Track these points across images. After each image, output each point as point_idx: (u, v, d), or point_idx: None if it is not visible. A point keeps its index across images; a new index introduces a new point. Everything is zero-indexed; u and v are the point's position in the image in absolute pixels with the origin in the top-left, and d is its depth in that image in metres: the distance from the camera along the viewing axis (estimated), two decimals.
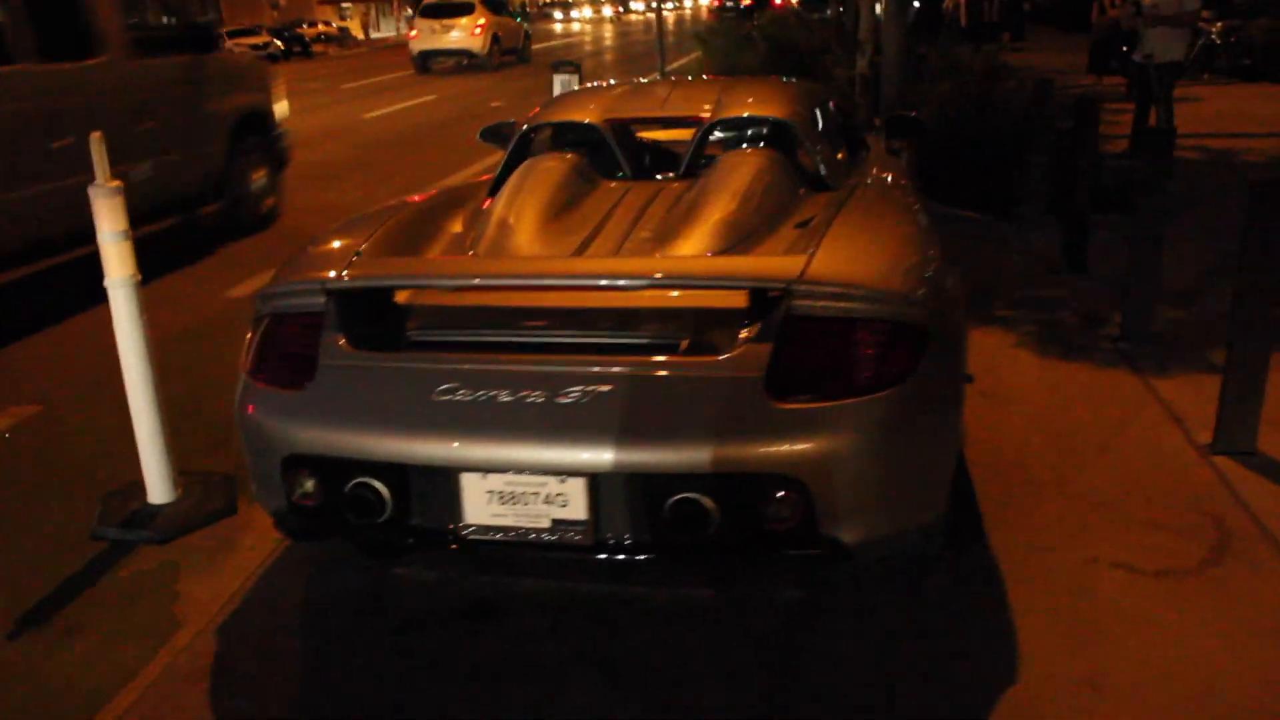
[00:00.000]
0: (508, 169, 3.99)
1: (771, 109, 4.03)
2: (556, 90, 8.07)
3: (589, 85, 5.04)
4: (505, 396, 2.52)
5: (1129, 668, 2.70)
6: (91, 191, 3.35)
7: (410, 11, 41.91)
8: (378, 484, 2.60)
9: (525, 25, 27.60)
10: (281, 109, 8.44)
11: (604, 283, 2.67)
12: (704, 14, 44.47)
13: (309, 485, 2.70)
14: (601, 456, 2.48)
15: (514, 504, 2.56)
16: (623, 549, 2.57)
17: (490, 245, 3.30)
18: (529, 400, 2.52)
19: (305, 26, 34.00)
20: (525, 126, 4.11)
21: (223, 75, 7.72)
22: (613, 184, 3.82)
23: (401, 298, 2.94)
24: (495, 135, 5.09)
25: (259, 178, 8.04)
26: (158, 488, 3.64)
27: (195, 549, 3.45)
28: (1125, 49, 10.13)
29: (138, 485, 3.71)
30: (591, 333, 2.74)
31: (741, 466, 2.46)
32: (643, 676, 2.73)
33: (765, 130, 4.01)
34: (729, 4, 33.53)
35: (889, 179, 4.07)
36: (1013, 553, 3.25)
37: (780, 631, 2.91)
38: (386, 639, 2.93)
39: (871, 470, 2.54)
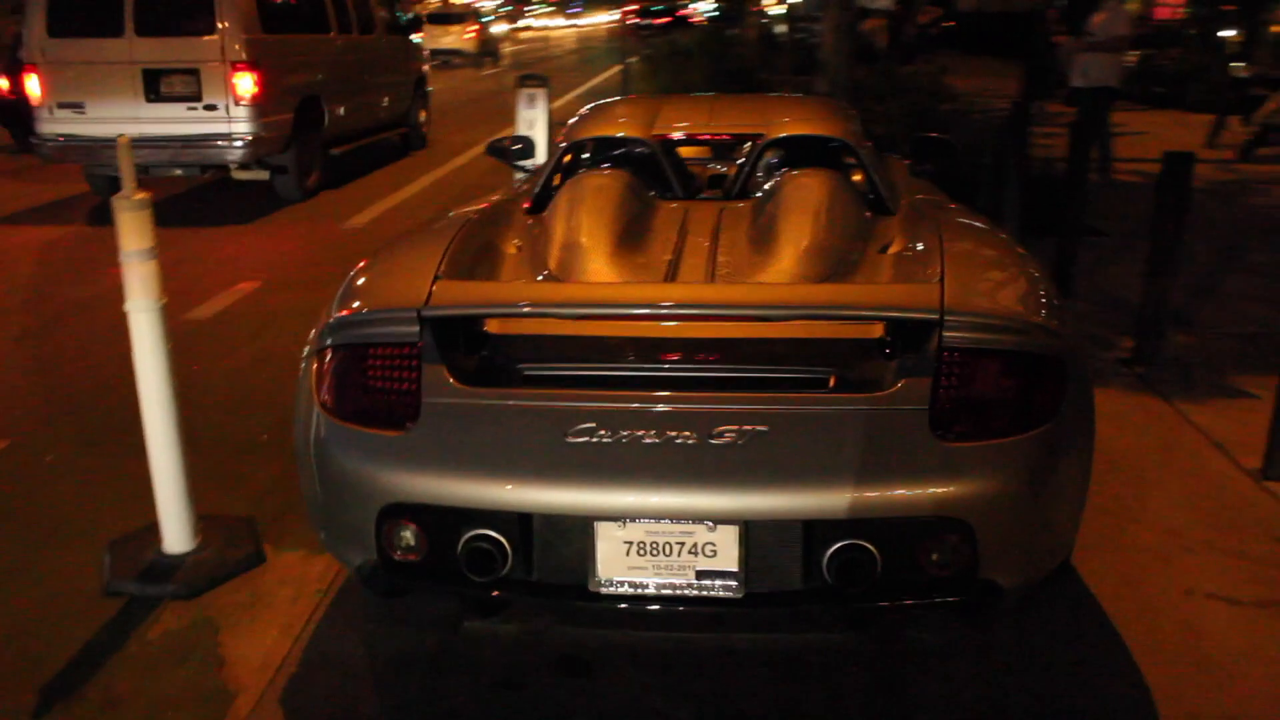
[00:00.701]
0: (549, 184, 3.76)
1: (826, 127, 3.88)
2: (521, 105, 7.80)
3: (620, 98, 4.82)
4: (651, 437, 2.29)
5: (1263, 704, 2.61)
6: (115, 203, 3.00)
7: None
8: (497, 536, 2.33)
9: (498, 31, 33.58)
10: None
11: (750, 313, 2.47)
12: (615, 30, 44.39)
13: (411, 537, 2.42)
14: (758, 501, 2.27)
15: (655, 556, 2.33)
16: (775, 601, 2.36)
17: (563, 269, 3.05)
18: (677, 441, 2.29)
19: None
20: (567, 140, 3.87)
21: (411, 49, 12.37)
22: (670, 204, 3.61)
23: (492, 327, 2.68)
24: (502, 152, 4.85)
25: (423, 115, 12.62)
26: (176, 535, 3.28)
27: (227, 604, 3.10)
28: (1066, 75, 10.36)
29: (150, 532, 3.34)
30: (724, 367, 2.53)
31: (908, 509, 2.29)
32: None
33: (823, 149, 3.85)
34: (644, 21, 34.32)
35: (939, 202, 3.95)
36: (1106, 585, 3.14)
37: (901, 675, 2.73)
38: (480, 697, 2.65)
39: (1032, 510, 2.40)
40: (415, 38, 12.39)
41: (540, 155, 7.30)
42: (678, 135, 3.91)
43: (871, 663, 2.79)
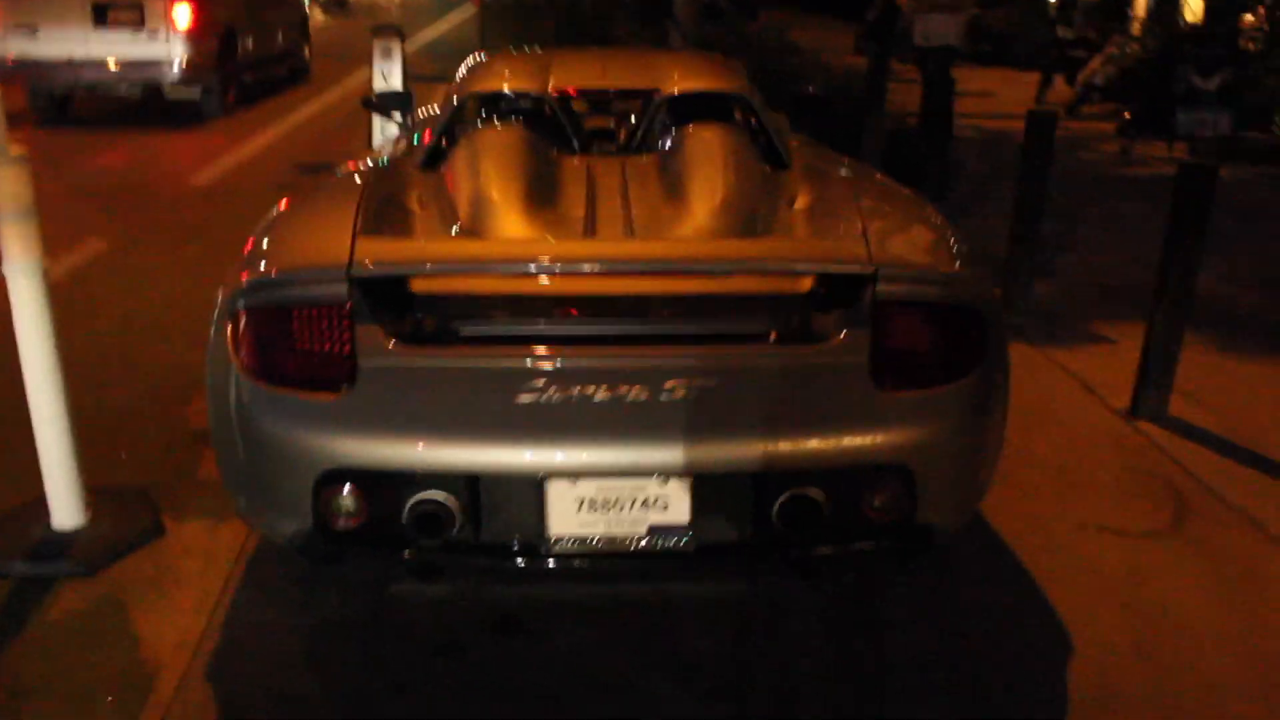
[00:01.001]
0: (440, 139, 3.64)
1: (721, 83, 3.88)
2: (376, 57, 7.52)
3: (505, 52, 4.68)
4: (602, 394, 2.27)
5: (1161, 624, 2.82)
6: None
7: None
8: (445, 498, 2.28)
9: None
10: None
11: (692, 267, 2.46)
12: None
13: (351, 503, 2.34)
14: (709, 454, 2.29)
15: (607, 511, 2.33)
16: (725, 552, 2.39)
17: (477, 225, 2.96)
18: (628, 397, 2.28)
19: None
20: (459, 95, 3.74)
21: None
22: (571, 159, 3.54)
23: (418, 286, 2.58)
24: (378, 105, 4.68)
25: (306, 51, 13.78)
26: (67, 509, 3.07)
27: (130, 579, 2.94)
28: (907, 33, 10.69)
29: (34, 507, 3.13)
30: (664, 323, 2.51)
31: (853, 457, 2.36)
32: (712, 679, 2.57)
33: (719, 104, 3.84)
34: None
35: (828, 156, 4.03)
36: (1009, 523, 3.31)
37: (831, 621, 2.82)
38: (420, 664, 2.60)
39: (965, 454, 2.51)
40: None
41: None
42: (573, 90, 3.84)
43: (803, 609, 2.87)
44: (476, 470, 2.28)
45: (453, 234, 2.92)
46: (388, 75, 7.55)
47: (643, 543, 2.35)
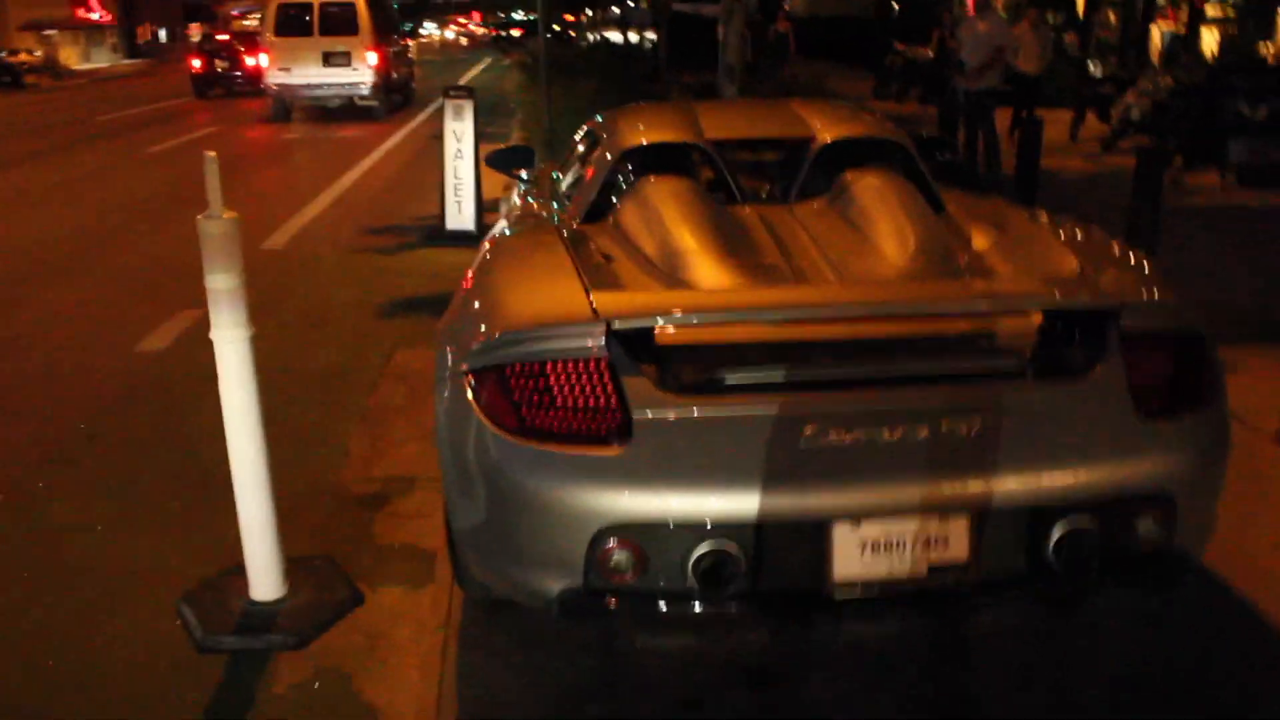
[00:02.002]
0: (604, 193, 3.63)
1: (873, 130, 3.88)
2: (449, 115, 7.59)
3: (644, 105, 4.69)
4: (878, 436, 2.24)
5: None
6: (202, 224, 2.74)
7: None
8: (731, 547, 2.23)
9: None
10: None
11: (950, 309, 2.46)
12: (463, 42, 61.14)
13: (625, 558, 2.28)
14: (989, 490, 2.25)
15: (889, 553, 2.28)
16: (1004, 587, 2.34)
17: (685, 275, 2.92)
18: (904, 438, 2.25)
19: (6, 55, 30.32)
20: (616, 148, 3.72)
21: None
22: (742, 208, 3.53)
23: (664, 338, 2.53)
24: (503, 162, 4.70)
25: (413, 83, 20.32)
26: (268, 581, 3.01)
27: (343, 649, 2.87)
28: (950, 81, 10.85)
29: (226, 579, 3.08)
30: (917, 363, 2.48)
31: (1123, 487, 2.34)
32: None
33: (879, 150, 3.83)
34: (502, 34, 37.18)
35: (973, 197, 4.01)
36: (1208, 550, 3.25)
37: (1061, 648, 2.76)
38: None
39: (1213, 480, 2.52)
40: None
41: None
42: (731, 139, 3.83)
43: (1018, 639, 2.81)
44: (761, 518, 2.23)
45: (676, 284, 2.87)
46: (460, 135, 7.61)
47: (923, 582, 2.30)
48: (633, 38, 30.71)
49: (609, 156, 3.73)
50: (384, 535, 3.47)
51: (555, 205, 4.13)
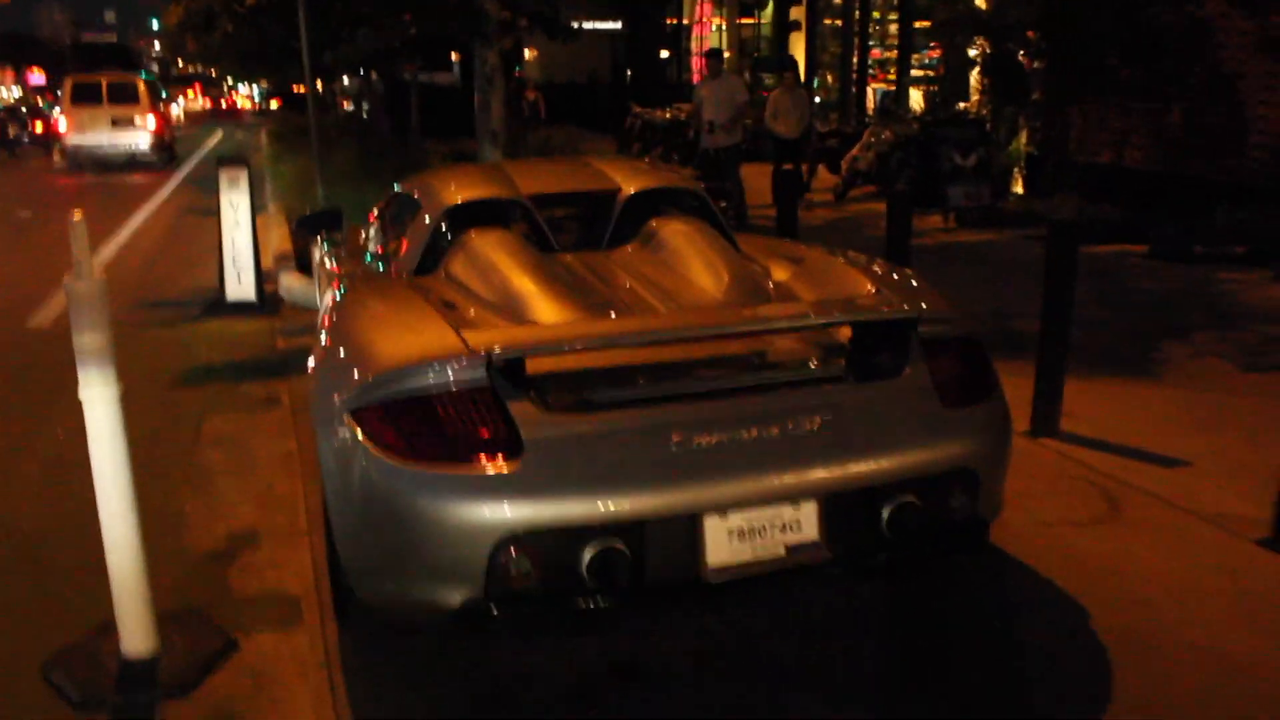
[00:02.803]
0: (434, 245, 3.86)
1: (672, 180, 4.33)
2: (224, 186, 7.51)
3: (457, 166, 4.92)
4: (741, 436, 2.60)
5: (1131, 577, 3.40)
6: (69, 288, 2.79)
7: None
8: (618, 545, 2.52)
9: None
10: None
11: (777, 326, 2.87)
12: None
13: (525, 565, 2.53)
14: (832, 476, 2.66)
15: (752, 539, 2.63)
16: (847, 561, 2.74)
17: (531, 314, 3.21)
18: (760, 437, 2.62)
19: None
20: (437, 206, 3.97)
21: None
22: (565, 255, 3.86)
23: (534, 366, 2.81)
24: (312, 225, 4.85)
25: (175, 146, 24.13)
26: (140, 636, 3.02)
27: (229, 694, 2.93)
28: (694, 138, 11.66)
29: (94, 638, 3.07)
30: (758, 375, 2.88)
31: (938, 466, 2.79)
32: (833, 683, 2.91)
33: (678, 199, 4.26)
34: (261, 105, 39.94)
35: (761, 239, 4.53)
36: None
37: (891, 616, 3.21)
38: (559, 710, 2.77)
39: (1003, 456, 3.01)
40: None
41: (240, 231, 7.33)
42: (545, 193, 4.15)
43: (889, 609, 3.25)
44: (644, 515, 2.53)
45: (525, 322, 3.14)
46: (236, 205, 7.55)
47: (783, 561, 2.66)
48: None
49: (433, 214, 3.96)
50: (242, 587, 3.52)
51: (374, 263, 4.32)
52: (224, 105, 68.42)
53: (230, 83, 62.52)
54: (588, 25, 23.27)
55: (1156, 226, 9.00)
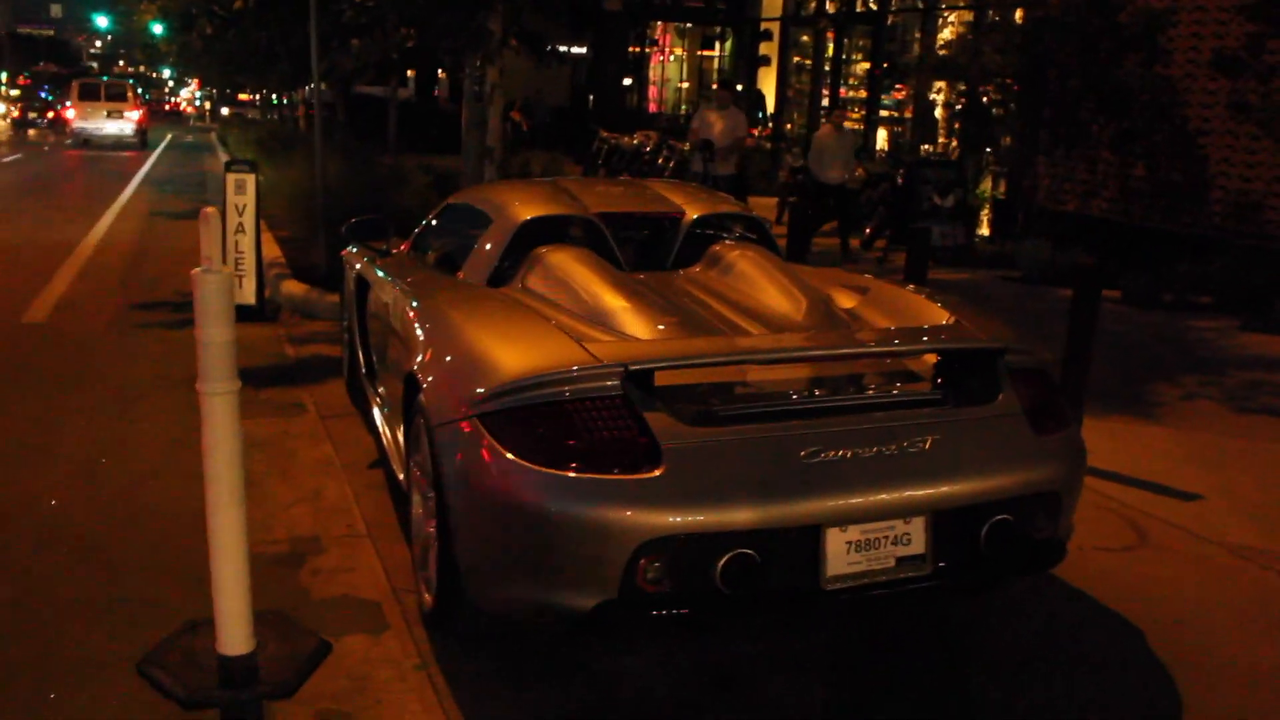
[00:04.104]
0: (508, 258, 3.94)
1: (732, 206, 4.47)
2: (230, 190, 7.45)
3: (523, 181, 4.98)
4: (863, 452, 2.73)
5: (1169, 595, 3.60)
6: (197, 277, 2.81)
7: None
8: (749, 553, 2.62)
9: None
10: None
11: (889, 350, 3.05)
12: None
13: (661, 569, 2.61)
14: (941, 493, 2.80)
15: (867, 551, 2.75)
16: (951, 574, 2.87)
17: (625, 328, 3.29)
18: (879, 453, 2.75)
19: None
20: (524, 217, 4.04)
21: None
22: (638, 274, 3.96)
23: (662, 379, 2.89)
24: (359, 233, 4.88)
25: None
26: (239, 635, 3.01)
27: (333, 694, 2.97)
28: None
29: (184, 636, 3.06)
30: (864, 395, 3.01)
31: (1031, 488, 2.94)
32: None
33: (741, 223, 4.40)
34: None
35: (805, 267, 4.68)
36: None
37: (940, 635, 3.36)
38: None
39: (1080, 481, 3.19)
40: None
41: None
42: (614, 212, 4.25)
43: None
44: (772, 525, 2.64)
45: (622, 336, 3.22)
46: (241, 209, 7.51)
47: (893, 574, 2.78)
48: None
49: (507, 227, 4.04)
50: (317, 590, 3.54)
51: (435, 273, 4.37)
52: (165, 108, 67.58)
53: (171, 86, 62.04)
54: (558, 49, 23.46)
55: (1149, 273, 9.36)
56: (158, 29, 23.60)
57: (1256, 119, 9.66)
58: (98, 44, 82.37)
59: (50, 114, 41.72)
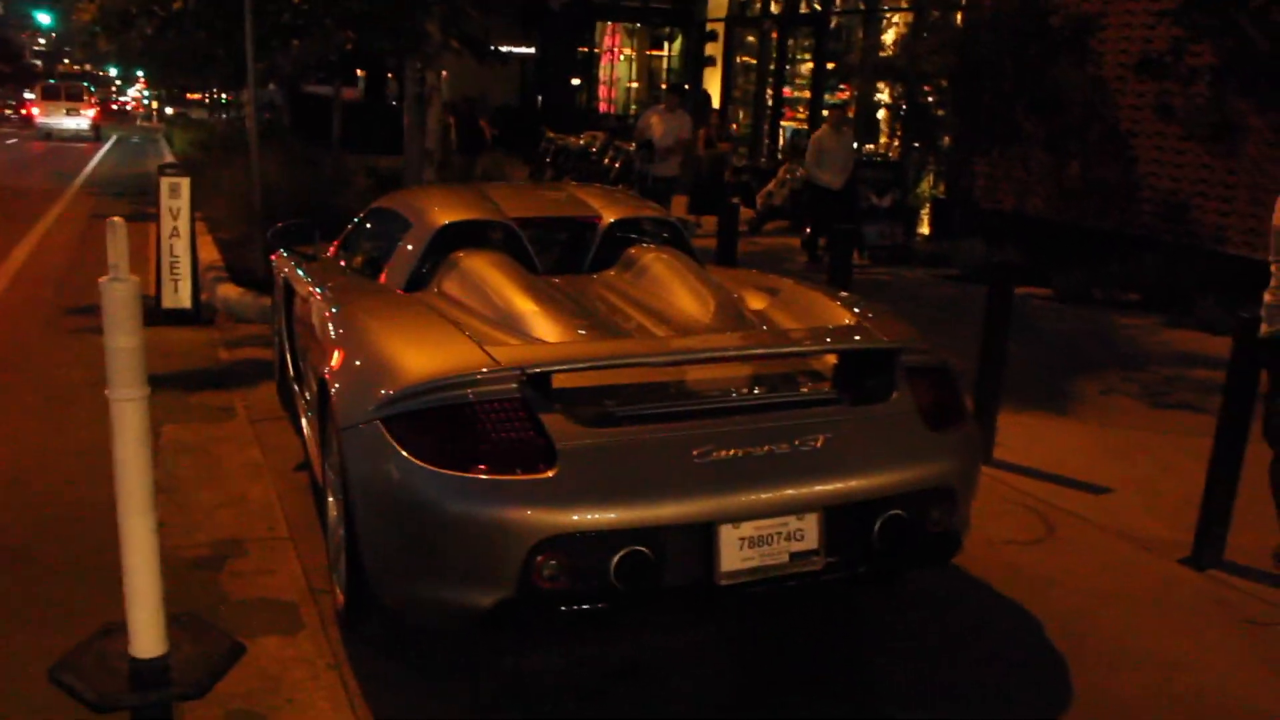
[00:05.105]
0: (425, 262, 3.99)
1: (647, 210, 4.55)
2: (165, 194, 7.41)
3: (437, 186, 5.02)
4: (756, 451, 2.82)
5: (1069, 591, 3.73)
6: (105, 286, 2.84)
7: None
8: (644, 550, 2.70)
9: None
10: None
11: (785, 350, 3.13)
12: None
13: (557, 567, 2.68)
14: (833, 490, 2.90)
15: (760, 546, 2.84)
16: (843, 568, 2.97)
17: (534, 331, 3.36)
18: (771, 452, 2.84)
19: None
20: (440, 223, 4.10)
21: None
22: (551, 278, 4.02)
23: (558, 381, 2.96)
24: (285, 237, 4.91)
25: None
26: (151, 638, 3.04)
27: (245, 694, 3.00)
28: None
29: (98, 641, 3.08)
30: (763, 394, 3.10)
31: (924, 483, 3.05)
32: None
33: (657, 228, 4.48)
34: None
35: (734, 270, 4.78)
36: None
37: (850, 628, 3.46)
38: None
39: (975, 476, 3.31)
40: None
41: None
42: (529, 217, 4.32)
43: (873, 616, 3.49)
44: (666, 523, 2.72)
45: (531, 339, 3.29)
46: (176, 213, 7.48)
47: (786, 569, 2.88)
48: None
49: (425, 232, 4.09)
50: (236, 592, 3.58)
51: (357, 277, 4.41)
52: (112, 106, 66.53)
53: (119, 85, 61.21)
54: (503, 49, 23.43)
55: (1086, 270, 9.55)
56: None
57: (1180, 122, 9.90)
58: (40, 41, 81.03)
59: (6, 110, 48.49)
